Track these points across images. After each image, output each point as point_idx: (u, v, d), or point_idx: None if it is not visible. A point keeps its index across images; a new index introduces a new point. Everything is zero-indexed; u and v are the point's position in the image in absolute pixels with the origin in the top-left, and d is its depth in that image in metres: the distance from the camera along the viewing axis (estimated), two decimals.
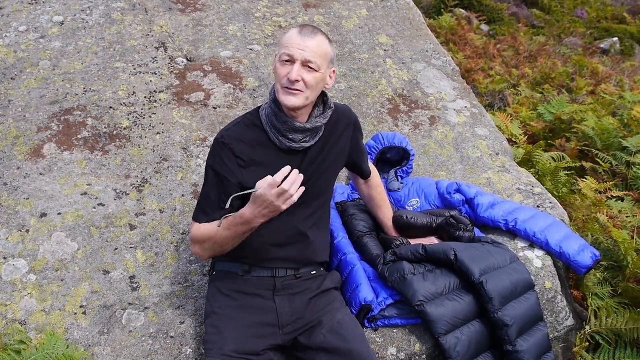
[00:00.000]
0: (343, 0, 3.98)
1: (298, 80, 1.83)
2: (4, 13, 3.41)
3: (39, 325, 2.12)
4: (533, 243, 2.39)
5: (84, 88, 3.03)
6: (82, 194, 2.55)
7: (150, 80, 3.13)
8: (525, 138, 4.20)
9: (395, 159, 2.84)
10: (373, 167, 2.38)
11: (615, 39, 8.45)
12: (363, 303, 2.05)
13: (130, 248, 2.40)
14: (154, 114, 2.95)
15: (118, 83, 3.08)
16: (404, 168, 2.79)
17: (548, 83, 5.65)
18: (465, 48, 6.30)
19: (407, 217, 2.36)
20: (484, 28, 7.53)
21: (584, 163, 3.88)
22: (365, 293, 2.07)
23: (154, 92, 3.07)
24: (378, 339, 2.07)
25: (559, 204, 2.71)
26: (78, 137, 2.79)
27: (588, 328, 2.54)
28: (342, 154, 2.11)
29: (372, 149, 2.77)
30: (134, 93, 3.04)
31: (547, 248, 2.36)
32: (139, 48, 3.30)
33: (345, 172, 2.77)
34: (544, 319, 2.20)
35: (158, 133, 2.87)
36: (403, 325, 2.09)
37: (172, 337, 2.11)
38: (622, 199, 3.45)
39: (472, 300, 2.06)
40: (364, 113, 3.21)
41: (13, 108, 2.89)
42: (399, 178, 2.76)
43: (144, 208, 2.55)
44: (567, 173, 3.61)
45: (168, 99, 3.04)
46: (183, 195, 2.62)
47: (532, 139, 4.30)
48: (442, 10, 7.60)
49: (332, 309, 2.00)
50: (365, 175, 2.32)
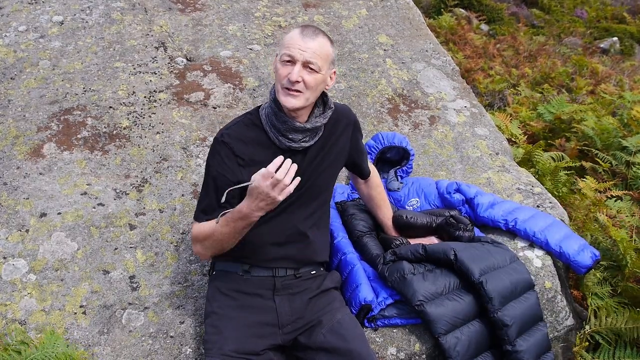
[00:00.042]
0: (343, 0, 3.98)
1: (299, 81, 1.83)
2: (4, 13, 3.41)
3: (39, 325, 2.12)
4: (533, 243, 2.39)
5: (84, 88, 3.03)
6: (82, 194, 2.55)
7: (150, 80, 3.13)
8: (525, 138, 4.20)
9: (395, 159, 2.84)
10: (373, 167, 2.38)
11: (615, 39, 8.44)
12: (363, 303, 2.05)
13: (130, 248, 2.40)
14: (154, 114, 2.95)
15: (118, 83, 3.08)
16: (404, 168, 2.79)
17: (548, 83, 5.65)
18: (465, 48, 6.30)
19: (407, 217, 2.36)
20: (484, 28, 7.53)
21: (584, 163, 3.88)
22: (365, 293, 2.07)
23: (154, 92, 3.07)
24: (378, 339, 2.07)
25: (559, 204, 2.71)
26: (78, 137, 2.79)
27: (588, 328, 2.54)
28: (341, 154, 2.11)
29: (372, 149, 2.77)
30: (134, 93, 3.04)
31: (547, 248, 2.36)
32: (139, 48, 3.30)
33: (345, 172, 2.77)
34: (544, 319, 2.20)
35: (158, 133, 2.87)
36: (403, 325, 2.09)
37: (172, 337, 2.11)
38: (621, 199, 3.45)
39: (472, 300, 2.06)
40: (364, 113, 3.21)
41: (13, 108, 2.89)
42: (399, 178, 2.76)
43: (144, 208, 2.55)
44: (567, 173, 3.61)
45: (168, 99, 3.04)
46: (183, 195, 2.62)
47: (532, 139, 4.30)
48: (442, 10, 7.60)
49: (332, 309, 2.00)
50: (365, 175, 2.32)
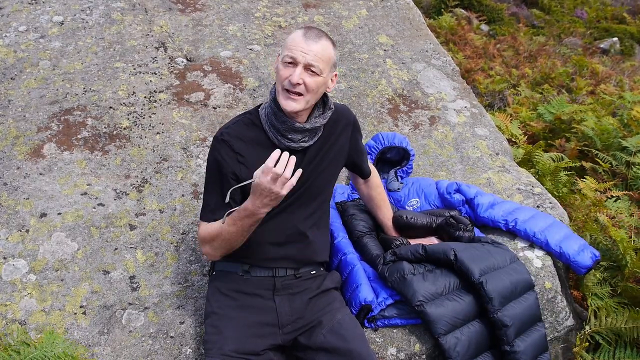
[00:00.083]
0: (343, 0, 3.98)
1: (300, 84, 1.83)
2: (4, 13, 3.41)
3: (39, 326, 2.12)
4: (533, 243, 2.39)
5: (84, 88, 3.03)
6: (82, 194, 2.55)
7: (150, 80, 3.13)
8: (525, 138, 4.20)
9: (396, 159, 2.84)
10: (373, 167, 2.38)
11: (615, 39, 8.44)
12: (363, 303, 2.05)
13: (130, 248, 2.40)
14: (154, 114, 2.95)
15: (118, 83, 3.08)
16: (404, 168, 2.79)
17: (548, 83, 5.65)
18: (465, 48, 6.30)
19: (407, 217, 2.36)
20: (484, 28, 7.53)
21: (584, 163, 3.88)
22: (366, 293, 2.07)
23: (154, 92, 3.07)
24: (378, 339, 2.07)
25: (559, 204, 2.71)
26: (78, 137, 2.79)
27: (588, 328, 2.54)
28: (341, 154, 2.11)
29: (372, 149, 2.77)
30: (134, 93, 3.04)
31: (547, 248, 2.36)
32: (139, 48, 3.30)
33: (345, 172, 2.77)
34: (543, 320, 2.20)
35: (158, 133, 2.87)
36: (403, 326, 2.09)
37: (172, 337, 2.11)
38: (620, 199, 3.45)
39: (472, 301, 2.06)
40: (364, 113, 3.21)
41: (13, 108, 2.89)
42: (399, 178, 2.76)
43: (144, 208, 2.55)
44: (567, 173, 3.61)
45: (168, 99, 3.04)
46: (183, 196, 2.62)
47: (532, 139, 4.30)
48: (442, 11, 7.60)
49: (332, 309, 2.00)
50: (365, 175, 2.32)
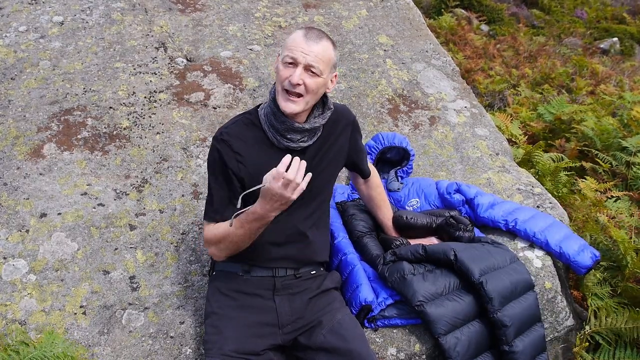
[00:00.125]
0: (343, 1, 3.98)
1: (299, 84, 1.83)
2: (4, 13, 3.41)
3: (39, 326, 2.12)
4: (533, 243, 2.39)
5: (84, 88, 3.03)
6: (82, 194, 2.55)
7: (150, 81, 3.13)
8: (525, 138, 4.20)
9: (396, 159, 2.84)
10: (373, 167, 2.38)
11: (615, 39, 8.44)
12: (363, 303, 2.05)
13: (130, 248, 2.40)
14: (154, 114, 2.95)
15: (118, 83, 3.08)
16: (404, 168, 2.79)
17: (548, 83, 5.65)
18: (465, 48, 6.30)
19: (407, 217, 2.36)
20: (484, 28, 7.53)
21: (584, 163, 3.87)
22: (366, 293, 2.07)
23: (154, 92, 3.07)
24: (378, 339, 2.07)
25: (559, 204, 2.71)
26: (78, 137, 2.79)
27: (588, 328, 2.54)
28: (340, 154, 2.11)
29: (372, 149, 2.77)
30: (134, 93, 3.04)
31: (547, 248, 2.36)
32: (139, 48, 3.30)
33: (345, 172, 2.77)
34: (542, 320, 2.20)
35: (158, 133, 2.87)
36: (403, 326, 2.09)
37: (172, 337, 2.11)
38: (620, 199, 3.45)
39: (472, 301, 2.06)
40: (364, 113, 3.21)
41: (13, 108, 2.89)
42: (399, 178, 2.76)
43: (144, 208, 2.55)
44: (567, 174, 3.61)
45: (168, 99, 3.04)
46: (183, 196, 2.62)
47: (532, 139, 4.30)
48: (442, 11, 7.60)
49: (332, 309, 2.00)
50: (365, 175, 2.32)
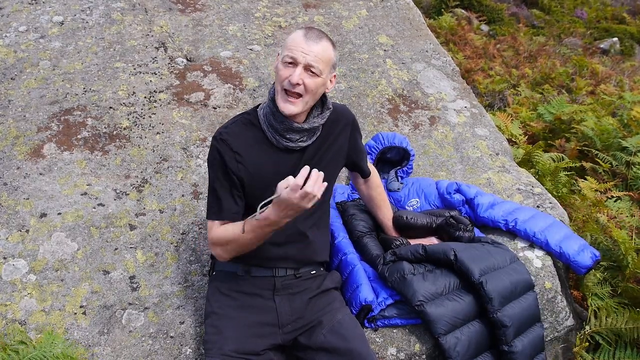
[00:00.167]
0: (343, 1, 3.98)
1: (299, 84, 1.83)
2: (4, 13, 3.41)
3: (39, 326, 2.12)
4: (533, 243, 2.39)
5: (84, 88, 3.03)
6: (82, 194, 2.55)
7: (150, 81, 3.13)
8: (525, 138, 4.20)
9: (396, 159, 2.84)
10: (373, 167, 2.38)
11: (615, 39, 8.45)
12: (363, 303, 2.05)
13: (130, 248, 2.40)
14: (154, 114, 2.95)
15: (118, 83, 3.08)
16: (404, 168, 2.79)
17: (548, 83, 5.65)
18: (465, 48, 6.30)
19: (407, 217, 2.36)
20: (484, 28, 7.53)
21: (584, 163, 3.87)
22: (366, 293, 2.07)
23: (154, 92, 3.07)
24: (378, 339, 2.06)
25: (559, 204, 2.70)
26: (78, 137, 2.79)
27: (588, 328, 2.54)
28: (340, 154, 2.11)
29: (372, 149, 2.77)
30: (134, 93, 3.04)
31: (547, 248, 2.36)
32: (139, 48, 3.30)
33: (346, 172, 2.77)
34: (542, 320, 2.20)
35: (158, 133, 2.87)
36: (403, 326, 2.09)
37: (172, 337, 2.11)
38: (621, 199, 3.45)
39: (472, 301, 2.06)
40: (364, 113, 3.21)
41: (13, 108, 2.89)
42: (399, 178, 2.75)
43: (144, 208, 2.55)
44: (567, 173, 3.61)
45: (168, 99, 3.04)
46: (183, 196, 2.62)
47: (532, 139, 4.30)
48: (442, 11, 7.60)
49: (332, 309, 2.00)
50: (365, 175, 2.32)
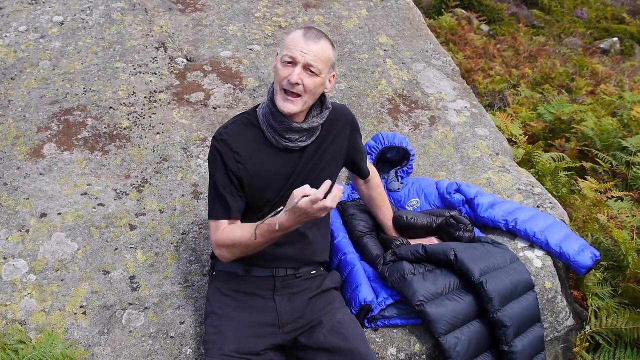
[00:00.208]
0: (343, 0, 3.98)
1: (298, 84, 1.83)
2: (4, 13, 3.41)
3: (39, 326, 2.11)
4: (533, 243, 2.39)
5: (84, 88, 3.03)
6: (82, 194, 2.55)
7: (150, 80, 3.13)
8: (525, 138, 4.19)
9: (396, 159, 2.84)
10: (373, 167, 2.38)
11: (615, 39, 8.45)
12: (363, 303, 2.05)
13: (130, 248, 2.40)
14: (154, 114, 2.95)
15: (118, 83, 3.08)
16: (404, 168, 2.78)
17: (548, 83, 5.65)
18: (465, 48, 6.30)
19: (407, 217, 2.35)
20: (484, 28, 7.53)
21: (584, 163, 3.87)
22: (365, 293, 2.07)
23: (154, 92, 3.07)
24: (378, 339, 2.06)
25: (559, 204, 2.70)
26: (78, 137, 2.79)
27: (588, 328, 2.54)
28: (339, 154, 2.11)
29: (372, 149, 2.76)
30: (134, 93, 3.04)
31: (547, 248, 2.36)
32: (139, 48, 3.30)
33: (345, 172, 2.77)
34: (542, 320, 2.20)
35: (158, 133, 2.87)
36: (403, 325, 2.09)
37: (172, 337, 2.11)
38: (622, 199, 3.45)
39: (472, 301, 2.06)
40: (364, 113, 3.21)
41: (13, 108, 2.89)
42: (399, 178, 2.75)
43: (144, 208, 2.55)
44: (567, 173, 3.61)
45: (168, 99, 3.04)
46: (183, 196, 2.62)
47: (532, 139, 4.30)
48: (442, 11, 7.60)
49: (332, 309, 2.00)
50: (365, 175, 2.32)
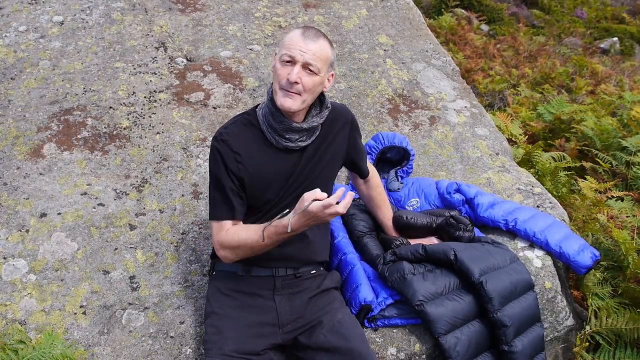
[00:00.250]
0: (343, 0, 3.98)
1: (297, 83, 1.83)
2: (4, 13, 3.41)
3: (39, 326, 2.11)
4: (533, 243, 2.39)
5: (84, 88, 3.03)
6: (82, 194, 2.55)
7: (150, 80, 3.13)
8: (525, 138, 4.19)
9: (396, 159, 2.84)
10: (373, 167, 2.38)
11: (615, 39, 8.45)
12: (363, 303, 2.05)
13: (130, 248, 2.40)
14: (154, 114, 2.95)
15: (118, 83, 3.08)
16: (404, 168, 2.78)
17: (548, 83, 5.65)
18: (465, 48, 6.30)
19: (407, 217, 2.35)
20: (484, 28, 7.53)
21: (584, 163, 3.87)
22: (366, 293, 2.07)
23: (154, 92, 3.07)
24: (378, 339, 2.06)
25: (559, 204, 2.70)
26: (78, 137, 2.79)
27: (588, 328, 2.54)
28: (339, 153, 2.11)
29: (372, 149, 2.76)
30: (134, 93, 3.04)
31: (547, 248, 2.36)
32: (139, 48, 3.30)
33: (345, 172, 2.77)
34: (542, 320, 2.20)
35: (158, 133, 2.87)
36: (403, 325, 2.09)
37: (172, 337, 2.11)
38: (622, 199, 3.45)
39: (472, 300, 2.06)
40: (364, 113, 3.21)
41: (13, 108, 2.89)
42: (399, 178, 2.75)
43: (144, 208, 2.55)
44: (567, 173, 3.61)
45: (168, 99, 3.04)
46: (183, 196, 2.62)
47: (532, 139, 4.30)
48: (442, 11, 7.60)
49: (332, 309, 2.00)
50: (364, 175, 2.32)
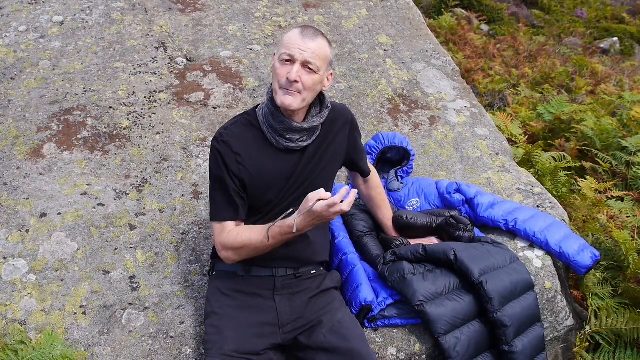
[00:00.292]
0: (343, 0, 3.98)
1: (297, 81, 1.83)
2: (4, 13, 3.41)
3: (39, 326, 2.11)
4: (533, 243, 2.39)
5: (84, 88, 3.03)
6: (82, 194, 2.55)
7: (150, 80, 3.13)
8: (525, 138, 4.20)
9: (396, 159, 2.84)
10: (372, 167, 2.38)
11: (615, 39, 8.45)
12: (363, 303, 2.05)
13: (130, 248, 2.40)
14: (154, 114, 2.95)
15: (118, 83, 3.08)
16: (405, 168, 2.78)
17: (548, 83, 5.65)
18: (465, 48, 6.30)
19: (407, 217, 2.36)
20: (484, 28, 7.53)
21: (584, 163, 3.87)
22: (366, 293, 2.07)
23: (154, 92, 3.07)
24: (378, 339, 2.06)
25: (559, 204, 2.71)
26: (78, 137, 2.79)
27: (588, 328, 2.54)
28: (339, 153, 2.11)
29: (372, 149, 2.76)
30: (134, 93, 3.04)
31: (547, 248, 2.36)
32: (139, 48, 3.30)
33: (345, 172, 2.77)
34: (542, 320, 2.20)
35: (158, 133, 2.87)
36: (403, 326, 2.09)
37: (172, 337, 2.11)
38: (622, 199, 3.45)
39: (472, 301, 2.06)
40: (364, 113, 3.21)
41: (13, 108, 2.89)
42: (399, 178, 2.75)
43: (144, 208, 2.55)
44: (567, 173, 3.61)
45: (168, 99, 3.04)
46: (183, 196, 2.62)
47: (532, 139, 4.30)
48: (442, 11, 7.60)
49: (332, 309, 2.00)
50: (365, 174, 2.32)
